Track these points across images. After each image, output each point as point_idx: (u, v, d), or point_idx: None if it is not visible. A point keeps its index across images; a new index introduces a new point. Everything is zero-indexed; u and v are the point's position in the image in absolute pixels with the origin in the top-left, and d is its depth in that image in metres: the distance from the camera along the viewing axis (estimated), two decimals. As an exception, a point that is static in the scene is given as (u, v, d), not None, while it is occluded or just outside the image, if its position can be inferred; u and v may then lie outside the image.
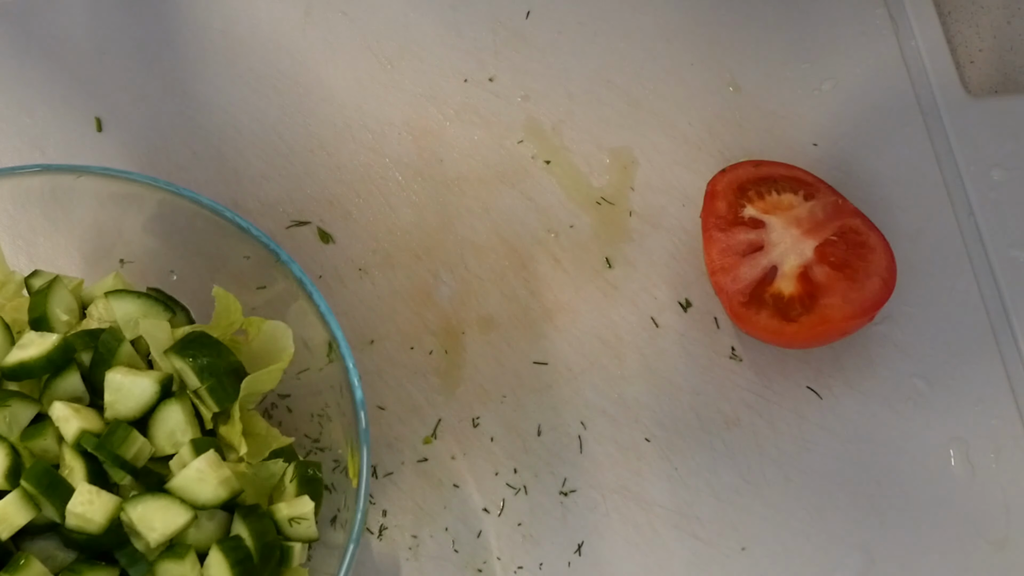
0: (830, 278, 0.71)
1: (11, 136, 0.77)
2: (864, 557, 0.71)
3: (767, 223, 0.74)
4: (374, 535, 0.70)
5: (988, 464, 0.74)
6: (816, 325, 0.70)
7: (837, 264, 0.72)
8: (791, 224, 0.73)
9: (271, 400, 0.69)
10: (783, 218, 0.74)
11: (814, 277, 0.72)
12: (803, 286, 0.72)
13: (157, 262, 0.68)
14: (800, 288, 0.72)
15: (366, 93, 0.80)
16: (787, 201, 0.74)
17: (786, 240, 0.73)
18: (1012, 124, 0.85)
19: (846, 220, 0.74)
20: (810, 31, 0.86)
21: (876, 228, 0.74)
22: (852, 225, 0.74)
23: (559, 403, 0.74)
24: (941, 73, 0.86)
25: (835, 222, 0.74)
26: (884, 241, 0.73)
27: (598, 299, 0.76)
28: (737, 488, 0.72)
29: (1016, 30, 0.90)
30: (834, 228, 0.73)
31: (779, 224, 0.74)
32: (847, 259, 0.72)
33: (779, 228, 0.74)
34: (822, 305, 0.71)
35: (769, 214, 0.74)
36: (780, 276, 0.72)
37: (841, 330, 0.71)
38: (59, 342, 0.59)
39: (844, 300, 0.71)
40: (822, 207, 0.74)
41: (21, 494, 0.57)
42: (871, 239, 0.73)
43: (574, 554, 0.70)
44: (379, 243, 0.77)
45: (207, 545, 0.58)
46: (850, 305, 0.70)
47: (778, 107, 0.83)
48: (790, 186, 0.75)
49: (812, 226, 0.73)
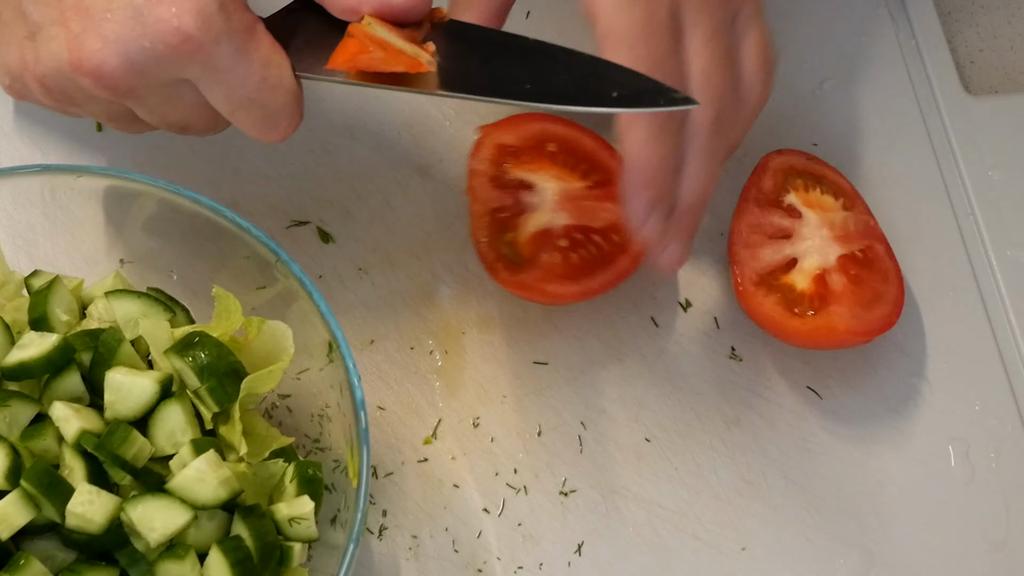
0: (845, 290, 0.71)
1: (11, 136, 0.77)
2: (864, 557, 0.71)
3: (804, 216, 0.74)
4: (374, 535, 0.70)
5: (988, 464, 0.74)
6: (819, 328, 0.70)
7: (855, 279, 0.72)
8: (825, 225, 0.73)
9: (271, 400, 0.69)
10: (820, 217, 0.74)
11: (830, 283, 0.72)
12: (817, 287, 0.72)
13: (157, 262, 0.68)
14: (814, 288, 0.72)
15: (366, 93, 0.80)
16: (828, 203, 0.75)
17: (816, 238, 0.73)
18: (1012, 124, 0.85)
19: (873, 243, 0.74)
20: (810, 31, 0.86)
21: (895, 259, 0.73)
22: (877, 250, 0.73)
23: (559, 403, 0.74)
24: (941, 73, 0.86)
25: (864, 240, 0.74)
26: (900, 275, 0.73)
27: (598, 299, 0.76)
28: (737, 488, 0.72)
29: (1016, 30, 0.90)
30: (861, 245, 0.73)
31: (814, 220, 0.74)
32: (865, 278, 0.72)
33: (813, 224, 0.74)
34: (830, 312, 0.70)
35: (809, 208, 0.74)
36: (798, 270, 0.72)
37: (839, 342, 0.71)
38: (59, 342, 0.59)
39: (852, 315, 0.70)
40: (855, 222, 0.74)
41: (21, 494, 0.57)
42: (890, 269, 0.73)
43: (574, 554, 0.70)
44: (379, 243, 0.77)
45: (207, 545, 0.58)
46: (856, 321, 0.70)
47: (778, 107, 0.83)
48: (833, 190, 0.75)
49: (843, 234, 0.73)
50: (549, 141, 0.75)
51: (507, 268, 0.72)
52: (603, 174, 0.74)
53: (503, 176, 0.74)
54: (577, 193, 0.74)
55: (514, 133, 0.75)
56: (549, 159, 0.74)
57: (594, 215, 0.73)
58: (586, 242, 0.73)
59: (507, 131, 0.75)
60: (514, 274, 0.72)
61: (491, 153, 0.74)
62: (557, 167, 0.74)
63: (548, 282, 0.71)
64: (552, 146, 0.75)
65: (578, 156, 0.75)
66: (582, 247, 0.72)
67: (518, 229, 0.73)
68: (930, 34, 0.87)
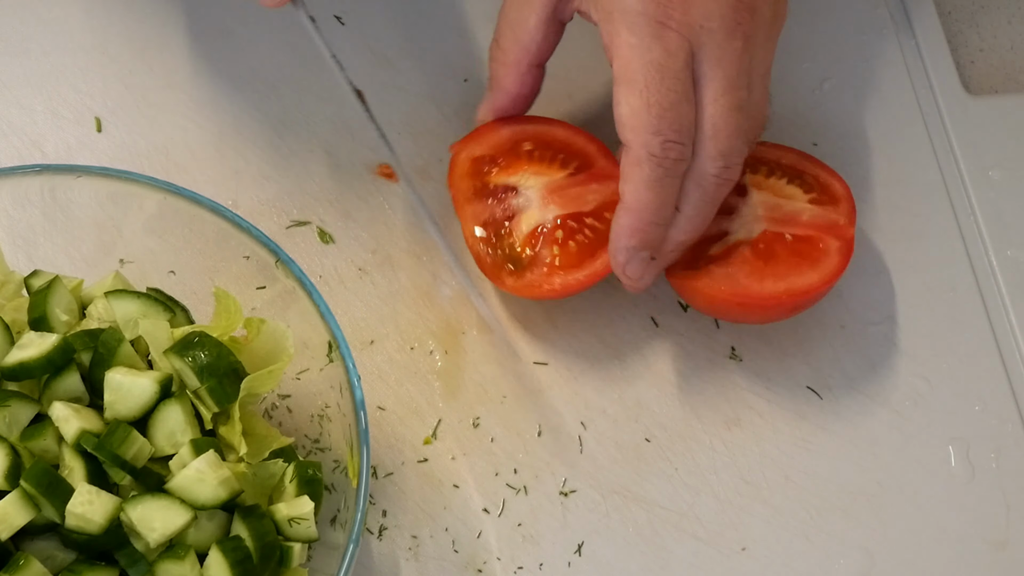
0: (748, 257, 0.72)
1: (11, 136, 0.77)
2: (864, 557, 0.71)
3: (748, 194, 0.74)
4: (374, 535, 0.70)
5: (988, 464, 0.74)
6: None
7: (762, 253, 0.72)
8: (761, 206, 0.74)
9: (271, 400, 0.69)
10: (763, 198, 0.74)
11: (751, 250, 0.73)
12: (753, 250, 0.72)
13: (157, 262, 0.68)
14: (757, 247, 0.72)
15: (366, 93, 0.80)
16: (787, 191, 0.74)
17: (744, 212, 0.74)
18: (1012, 124, 0.85)
19: (823, 237, 0.73)
20: (810, 31, 0.86)
21: (846, 257, 0.72)
22: (819, 243, 0.73)
23: (559, 403, 0.74)
24: (941, 73, 0.86)
25: (807, 231, 0.73)
26: (833, 271, 0.72)
27: (598, 299, 0.76)
28: (737, 488, 0.72)
29: (1016, 30, 0.90)
30: (800, 233, 0.73)
31: (756, 199, 0.74)
32: (777, 255, 0.72)
33: (753, 203, 0.74)
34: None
35: (757, 189, 0.74)
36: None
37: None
38: (59, 342, 0.59)
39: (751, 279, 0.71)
40: (813, 214, 0.73)
41: (21, 494, 0.57)
42: (823, 258, 0.72)
43: (574, 554, 0.70)
44: (379, 243, 0.77)
45: (207, 545, 0.58)
46: (757, 287, 0.71)
47: (778, 107, 0.83)
48: (809, 184, 0.75)
49: (780, 217, 0.73)
50: (523, 141, 0.75)
51: (511, 275, 0.72)
52: (581, 159, 0.74)
53: (486, 187, 0.74)
54: (561, 183, 0.74)
55: (485, 143, 0.75)
56: (526, 158, 0.74)
57: (582, 200, 0.73)
58: (581, 228, 0.73)
59: (478, 143, 0.75)
60: (519, 278, 0.72)
61: (467, 168, 0.74)
62: (535, 163, 0.74)
63: (554, 276, 0.71)
64: (527, 144, 0.75)
65: (554, 148, 0.75)
66: (578, 233, 0.73)
67: (513, 234, 0.73)
68: (930, 34, 0.87)
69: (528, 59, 0.71)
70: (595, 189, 0.73)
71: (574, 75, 0.82)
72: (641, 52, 0.64)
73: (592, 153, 0.75)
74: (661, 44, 0.64)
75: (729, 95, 0.66)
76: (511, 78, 0.72)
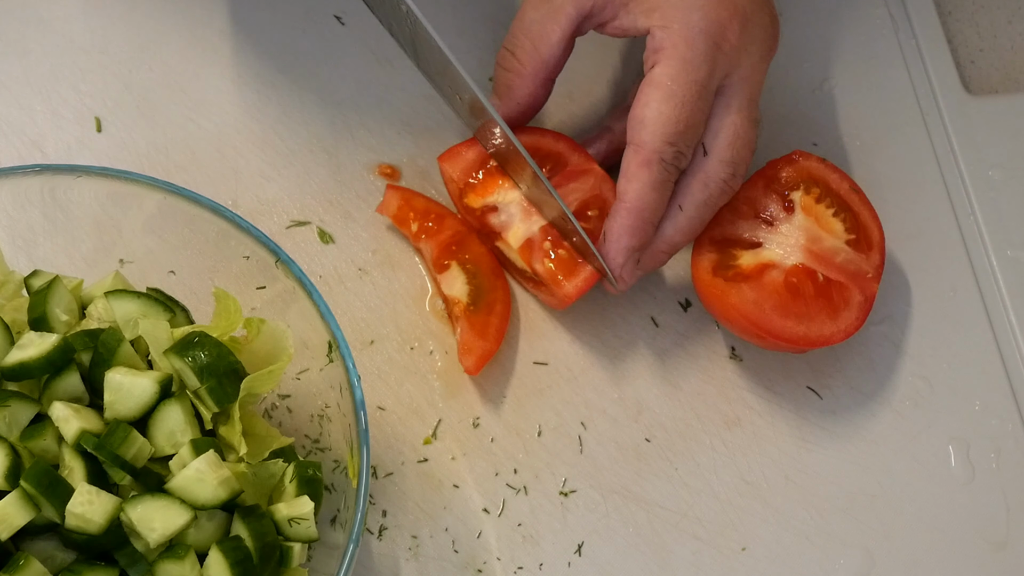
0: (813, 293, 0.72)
1: (11, 136, 0.77)
2: (864, 557, 0.71)
3: (795, 214, 0.73)
4: (374, 535, 0.70)
5: (988, 464, 0.74)
6: None
7: (792, 289, 0.71)
8: (805, 233, 0.73)
9: (271, 400, 0.69)
10: (808, 224, 0.73)
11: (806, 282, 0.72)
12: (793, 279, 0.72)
13: (157, 262, 0.68)
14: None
15: (366, 93, 0.80)
16: (831, 225, 0.74)
17: (790, 237, 0.73)
18: (1012, 124, 0.85)
19: (848, 285, 0.72)
20: (810, 31, 0.86)
21: (864, 312, 0.72)
22: (843, 290, 0.72)
23: (559, 403, 0.74)
24: (941, 73, 0.86)
25: (838, 275, 0.72)
26: (851, 324, 0.71)
27: (598, 299, 0.76)
28: (737, 488, 0.72)
29: (1016, 30, 0.90)
30: (830, 275, 0.72)
31: (801, 222, 0.73)
32: (803, 294, 0.71)
33: (797, 224, 0.73)
34: None
35: (806, 214, 0.73)
36: (756, 253, 0.73)
37: None
38: (59, 342, 0.59)
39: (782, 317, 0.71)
40: (847, 258, 0.73)
41: (21, 494, 0.57)
42: (841, 309, 0.72)
43: (574, 554, 0.70)
44: (379, 243, 0.77)
45: (207, 545, 0.58)
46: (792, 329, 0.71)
47: (778, 107, 0.83)
48: (851, 224, 0.74)
49: (818, 254, 0.72)
50: (488, 159, 0.74)
51: (536, 287, 0.74)
52: (553, 160, 0.74)
53: (472, 214, 0.74)
54: None
55: (455, 168, 0.74)
56: (497, 173, 0.74)
57: (564, 202, 0.73)
58: None
59: (449, 168, 0.74)
60: (550, 296, 0.73)
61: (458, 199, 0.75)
62: (507, 177, 0.74)
63: (556, 286, 0.71)
64: (493, 160, 0.74)
65: None
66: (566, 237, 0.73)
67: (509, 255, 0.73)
68: (930, 34, 0.87)
69: (546, 73, 0.72)
70: (574, 188, 0.73)
71: (569, 75, 0.82)
72: (691, 69, 0.67)
73: (562, 151, 0.74)
74: (709, 66, 0.68)
75: (750, 110, 0.70)
76: (526, 89, 0.73)
